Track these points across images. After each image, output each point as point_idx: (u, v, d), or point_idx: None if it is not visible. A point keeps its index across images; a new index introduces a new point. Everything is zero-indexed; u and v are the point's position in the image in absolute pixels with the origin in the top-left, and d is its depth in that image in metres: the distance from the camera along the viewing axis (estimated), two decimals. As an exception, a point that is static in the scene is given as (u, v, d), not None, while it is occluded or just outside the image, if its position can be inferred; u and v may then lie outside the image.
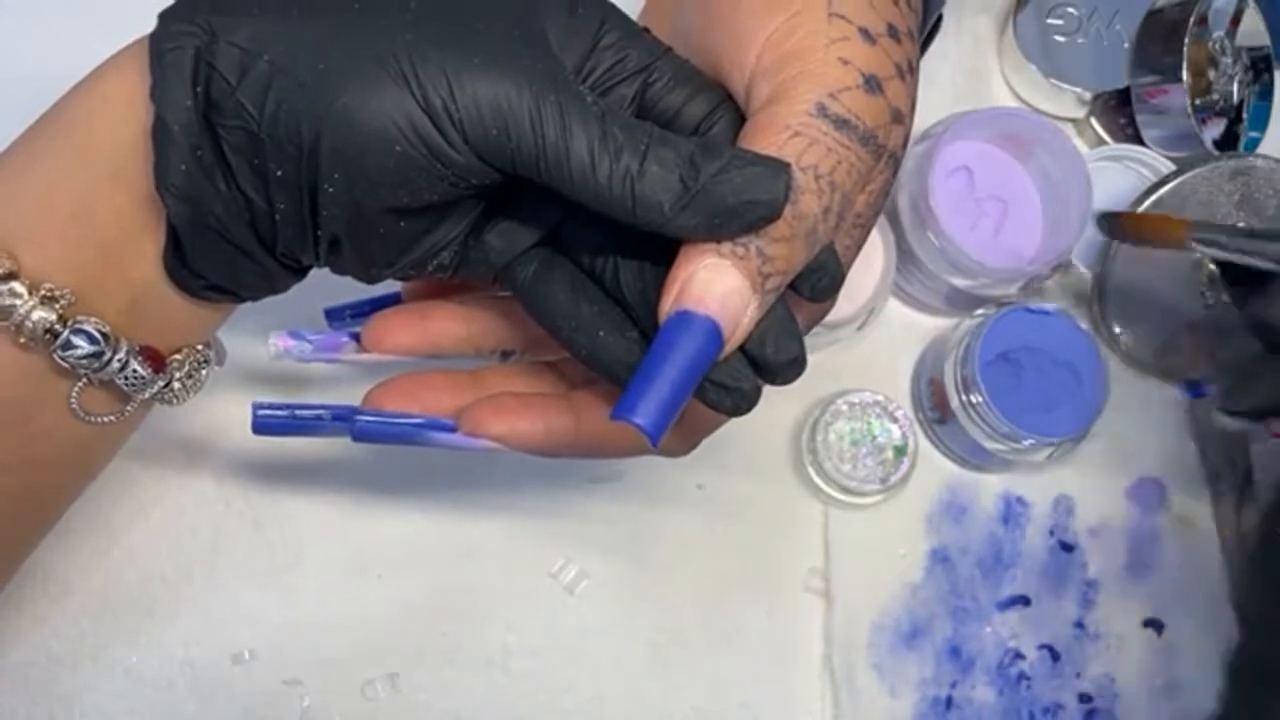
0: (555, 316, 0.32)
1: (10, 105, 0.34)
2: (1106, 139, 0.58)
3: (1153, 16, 0.56)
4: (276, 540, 0.50)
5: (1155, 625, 0.54)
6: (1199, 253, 0.46)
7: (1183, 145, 0.57)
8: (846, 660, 0.51)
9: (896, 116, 0.32)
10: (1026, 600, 0.53)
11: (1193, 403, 0.56)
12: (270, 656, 0.49)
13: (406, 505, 0.51)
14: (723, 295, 0.28)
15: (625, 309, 0.32)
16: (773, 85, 0.31)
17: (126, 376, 0.32)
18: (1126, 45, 0.57)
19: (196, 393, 0.35)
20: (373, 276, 0.32)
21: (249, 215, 0.30)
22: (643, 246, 0.31)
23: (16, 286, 0.30)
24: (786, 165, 0.28)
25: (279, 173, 0.28)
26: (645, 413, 0.28)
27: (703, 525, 0.52)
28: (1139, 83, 0.56)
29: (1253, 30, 0.57)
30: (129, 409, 0.34)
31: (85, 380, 0.32)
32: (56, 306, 0.30)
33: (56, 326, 0.30)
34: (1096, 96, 0.58)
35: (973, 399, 0.51)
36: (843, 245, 0.32)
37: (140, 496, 0.49)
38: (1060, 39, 0.57)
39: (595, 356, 0.32)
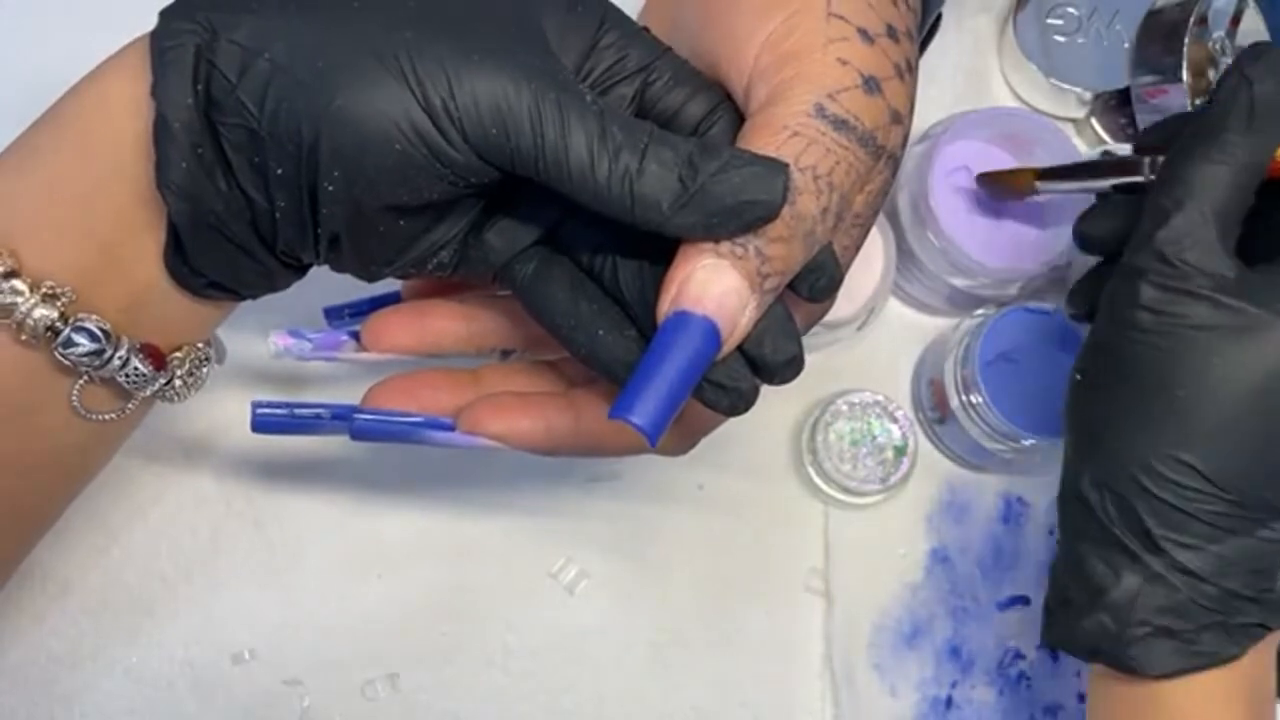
0: (554, 315, 0.32)
1: (10, 105, 0.34)
2: (1106, 139, 0.58)
3: (1153, 16, 0.56)
4: (276, 540, 0.50)
5: (1155, 625, 0.54)
6: (1045, 193, 0.49)
7: (1183, 145, 0.56)
8: (846, 660, 0.51)
9: (895, 117, 0.32)
10: (1026, 600, 0.53)
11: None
12: (270, 656, 0.49)
13: (406, 505, 0.51)
14: (721, 295, 0.28)
15: (624, 308, 0.32)
16: (771, 86, 0.31)
17: (127, 374, 0.32)
18: (1126, 45, 0.56)
19: (197, 390, 0.35)
20: (372, 274, 0.32)
21: (249, 213, 0.30)
22: (642, 246, 0.31)
23: (18, 284, 0.30)
24: (785, 165, 0.28)
25: (279, 171, 0.28)
26: (643, 412, 0.28)
27: (702, 525, 0.52)
28: (1139, 83, 0.56)
29: (1253, 30, 0.57)
30: (129, 407, 0.34)
31: (86, 378, 0.32)
32: (57, 304, 0.30)
33: (57, 324, 0.30)
34: (1096, 96, 0.58)
35: (973, 399, 0.51)
36: (841, 245, 0.32)
37: (140, 495, 0.49)
38: (1060, 39, 0.57)
39: (594, 355, 0.32)
